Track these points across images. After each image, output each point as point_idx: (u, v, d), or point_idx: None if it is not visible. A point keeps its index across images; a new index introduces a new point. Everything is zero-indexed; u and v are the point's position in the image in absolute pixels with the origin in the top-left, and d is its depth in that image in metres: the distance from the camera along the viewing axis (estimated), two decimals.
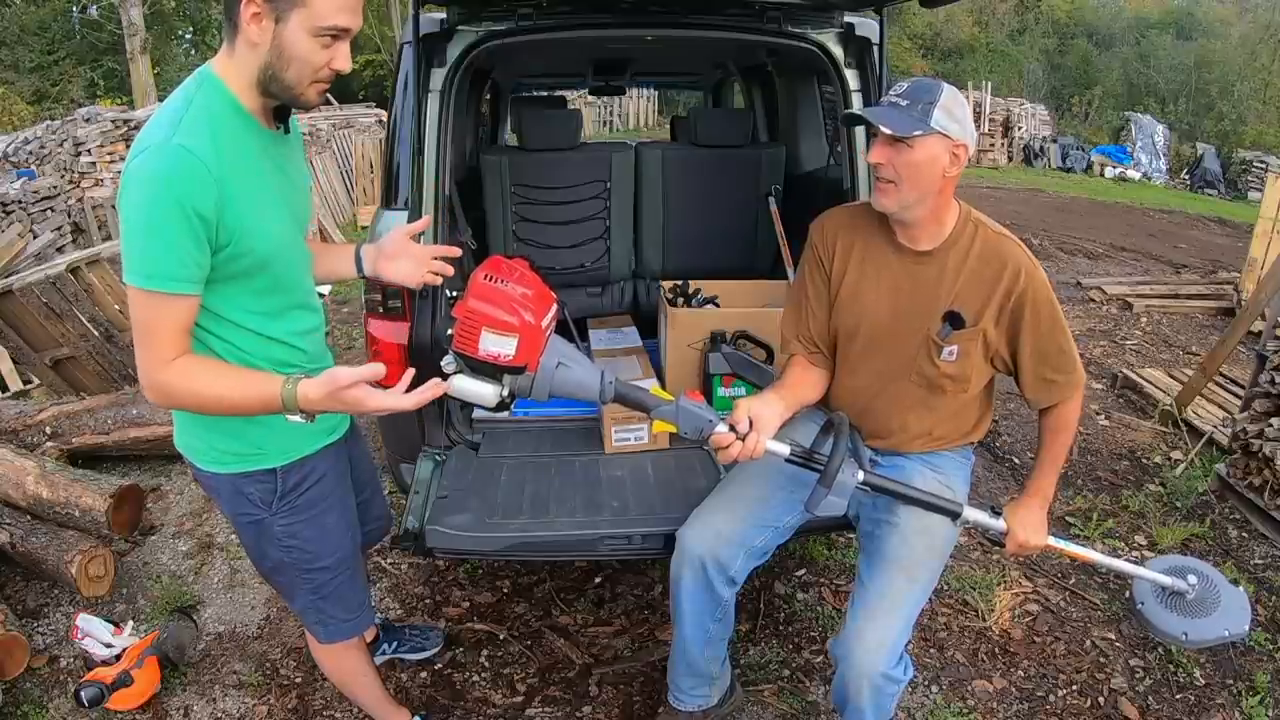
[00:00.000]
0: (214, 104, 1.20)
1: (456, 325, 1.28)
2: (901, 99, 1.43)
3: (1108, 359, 4.66)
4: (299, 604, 1.57)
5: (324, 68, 1.20)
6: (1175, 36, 21.98)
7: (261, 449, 1.37)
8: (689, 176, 2.96)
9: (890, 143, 1.42)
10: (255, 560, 1.54)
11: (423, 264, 1.52)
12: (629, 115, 18.87)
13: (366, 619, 1.64)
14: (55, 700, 2.06)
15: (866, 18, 2.20)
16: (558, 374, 1.34)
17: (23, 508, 2.59)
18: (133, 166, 1.13)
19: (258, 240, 1.23)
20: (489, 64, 3.14)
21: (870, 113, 1.47)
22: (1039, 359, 1.53)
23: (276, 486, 1.40)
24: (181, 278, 1.15)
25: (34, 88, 16.94)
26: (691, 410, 1.39)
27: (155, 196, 1.11)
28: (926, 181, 1.44)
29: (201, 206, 1.13)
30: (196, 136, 1.14)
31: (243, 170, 1.20)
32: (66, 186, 7.50)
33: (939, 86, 1.43)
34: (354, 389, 1.17)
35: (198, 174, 1.12)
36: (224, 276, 1.22)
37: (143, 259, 1.13)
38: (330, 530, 1.49)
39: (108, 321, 3.71)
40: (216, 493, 1.43)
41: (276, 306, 1.33)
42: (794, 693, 2.06)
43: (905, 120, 1.40)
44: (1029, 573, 2.57)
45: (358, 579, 1.60)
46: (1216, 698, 2.08)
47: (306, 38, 1.16)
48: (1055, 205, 10.87)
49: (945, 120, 1.40)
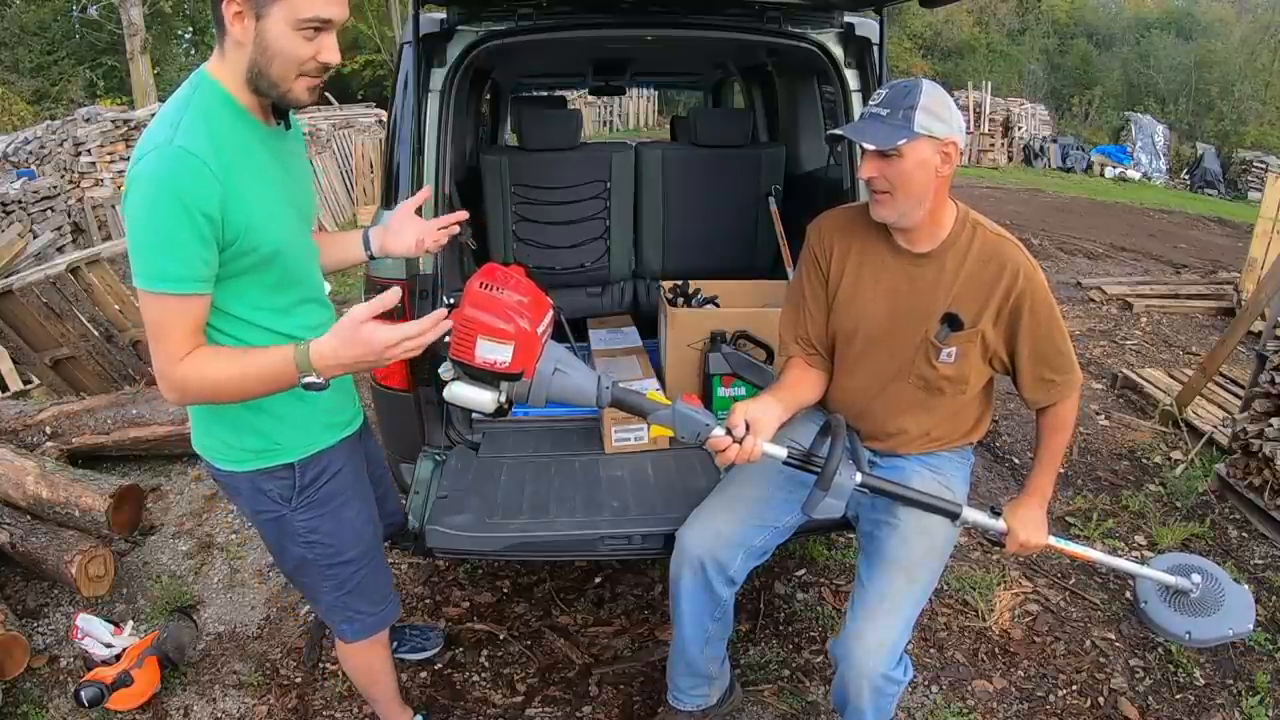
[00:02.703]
0: (211, 104, 1.20)
1: (453, 333, 1.28)
2: (881, 108, 1.42)
3: (1108, 359, 4.66)
4: (325, 603, 1.56)
5: (310, 61, 1.20)
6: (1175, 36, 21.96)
7: (278, 443, 1.37)
8: (689, 176, 2.96)
9: (878, 156, 1.42)
10: (278, 560, 1.54)
11: (425, 233, 1.54)
12: (629, 115, 18.86)
13: (393, 610, 1.65)
14: (55, 700, 2.06)
15: (866, 18, 2.20)
16: (554, 380, 1.34)
17: (23, 508, 2.59)
18: (135, 171, 1.14)
19: (264, 236, 1.23)
20: (489, 64, 3.14)
21: (851, 130, 1.46)
22: (1037, 360, 1.53)
23: (295, 481, 1.40)
24: (189, 278, 1.16)
25: (34, 88, 16.93)
26: (688, 414, 1.39)
27: (159, 199, 1.12)
28: (920, 186, 1.43)
29: (206, 206, 1.13)
30: (196, 137, 1.15)
31: (245, 167, 1.21)
32: (66, 186, 7.50)
33: (916, 87, 1.41)
34: (367, 325, 1.17)
35: (199, 174, 1.13)
36: (233, 273, 1.23)
37: (150, 262, 1.14)
38: (350, 523, 1.49)
39: (108, 321, 3.71)
40: (236, 492, 1.43)
41: (286, 302, 1.34)
42: (794, 693, 2.06)
43: (888, 131, 1.39)
44: (1029, 573, 2.57)
45: (381, 571, 1.61)
46: (1216, 698, 2.08)
47: (288, 31, 1.16)
48: (1055, 205, 10.87)
49: (928, 121, 1.39)
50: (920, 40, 23.33)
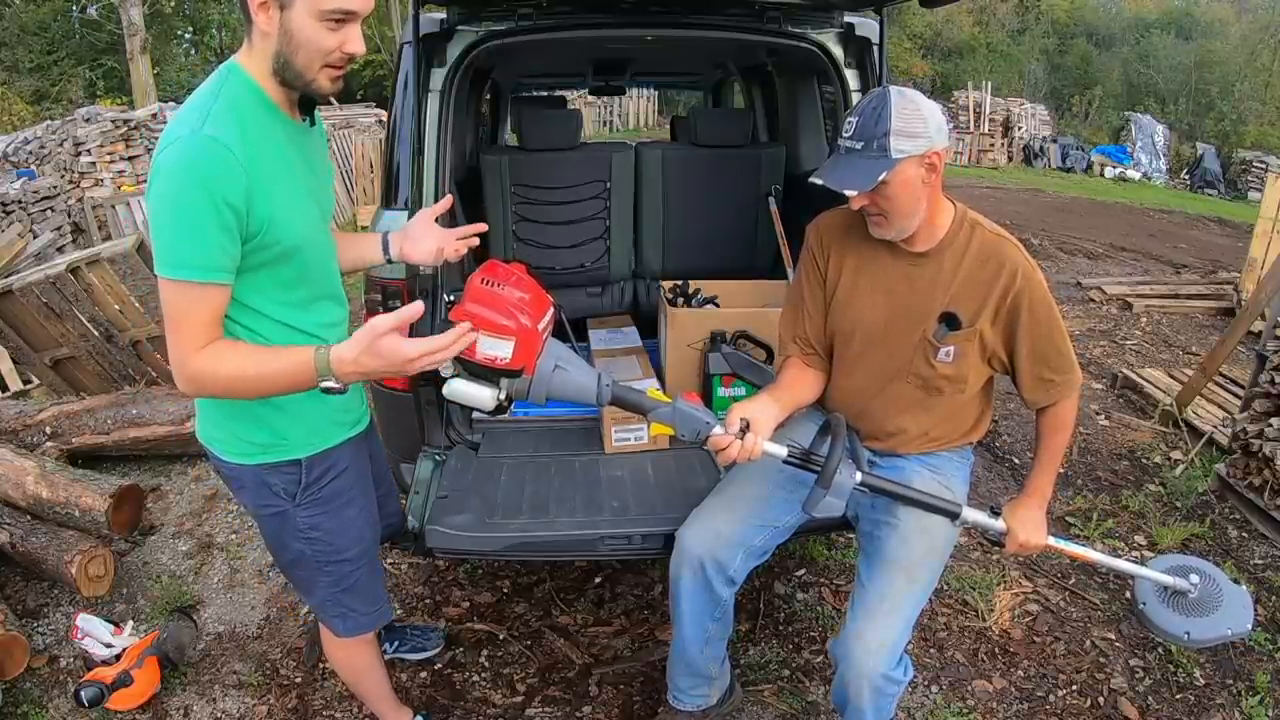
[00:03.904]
0: (241, 96, 1.21)
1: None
2: (855, 141, 1.40)
3: (1108, 359, 4.66)
4: (318, 598, 1.56)
5: (335, 51, 1.20)
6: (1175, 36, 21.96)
7: (286, 439, 1.37)
8: (689, 176, 2.96)
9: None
10: (275, 553, 1.54)
11: (446, 242, 1.55)
12: (629, 115, 18.85)
13: (385, 612, 1.65)
14: (55, 700, 2.06)
15: (866, 18, 2.21)
16: (555, 377, 1.34)
17: (23, 508, 2.59)
18: (161, 159, 1.13)
19: (285, 230, 1.23)
20: (489, 64, 3.14)
21: (830, 178, 1.42)
22: (1036, 360, 1.53)
23: (301, 477, 1.40)
24: (212, 267, 1.15)
25: (34, 88, 16.93)
26: (688, 412, 1.39)
27: (184, 187, 1.11)
28: (911, 203, 1.44)
29: (231, 196, 1.13)
30: (224, 127, 1.15)
31: (270, 161, 1.21)
32: (66, 186, 7.51)
33: (885, 107, 1.37)
34: (389, 337, 1.17)
35: (226, 164, 1.13)
36: (252, 266, 1.23)
37: (173, 249, 1.14)
38: (351, 522, 1.49)
39: (108, 321, 3.71)
40: (240, 484, 1.43)
41: (304, 297, 1.34)
42: (794, 693, 2.06)
43: (866, 169, 1.38)
44: (1029, 573, 2.57)
45: (377, 573, 1.61)
46: (1216, 698, 2.08)
47: (312, 22, 1.16)
48: (1055, 205, 10.87)
49: (905, 144, 1.37)
50: (920, 40, 23.33)
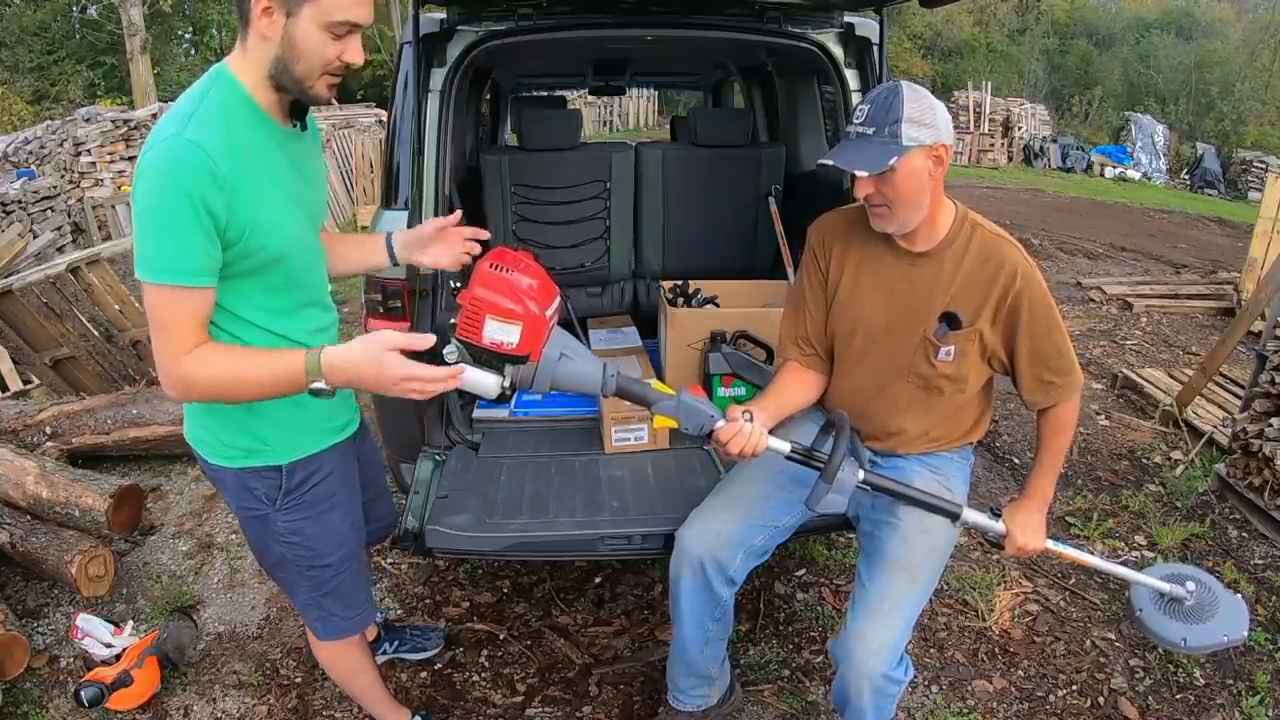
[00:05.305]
0: (228, 100, 1.20)
1: (461, 312, 1.27)
2: (866, 126, 1.40)
3: (1108, 359, 4.66)
4: (300, 600, 1.57)
5: (335, 61, 1.20)
6: (1175, 36, 21.96)
7: (267, 444, 1.37)
8: (689, 176, 2.96)
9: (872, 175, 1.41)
10: (258, 555, 1.54)
11: (456, 246, 1.55)
12: (629, 115, 18.86)
13: (368, 617, 1.65)
14: (55, 700, 2.06)
15: (866, 18, 2.21)
16: (560, 365, 1.33)
17: (23, 508, 2.59)
18: (144, 161, 1.13)
19: (270, 236, 1.23)
20: (489, 64, 3.14)
21: (840, 159, 1.43)
22: (1036, 360, 1.53)
23: (281, 483, 1.40)
24: (194, 270, 1.15)
25: (34, 88, 16.93)
26: (693, 405, 1.39)
27: (164, 190, 1.11)
28: (917, 195, 1.44)
29: (210, 200, 1.13)
30: (208, 132, 1.14)
31: (256, 166, 1.20)
32: (66, 186, 7.51)
33: (897, 96, 1.39)
34: (392, 354, 1.17)
35: (205, 168, 1.12)
36: (236, 273, 1.22)
37: (155, 253, 1.13)
38: (333, 528, 1.49)
39: (108, 321, 3.71)
40: (223, 486, 1.43)
41: (290, 304, 1.33)
42: (794, 693, 2.06)
43: (876, 152, 1.38)
44: (1029, 573, 2.57)
45: (360, 577, 1.61)
46: (1216, 698, 2.08)
47: (317, 31, 1.16)
48: (1055, 205, 10.87)
49: (916, 132, 1.38)
50: (920, 40, 23.34)
